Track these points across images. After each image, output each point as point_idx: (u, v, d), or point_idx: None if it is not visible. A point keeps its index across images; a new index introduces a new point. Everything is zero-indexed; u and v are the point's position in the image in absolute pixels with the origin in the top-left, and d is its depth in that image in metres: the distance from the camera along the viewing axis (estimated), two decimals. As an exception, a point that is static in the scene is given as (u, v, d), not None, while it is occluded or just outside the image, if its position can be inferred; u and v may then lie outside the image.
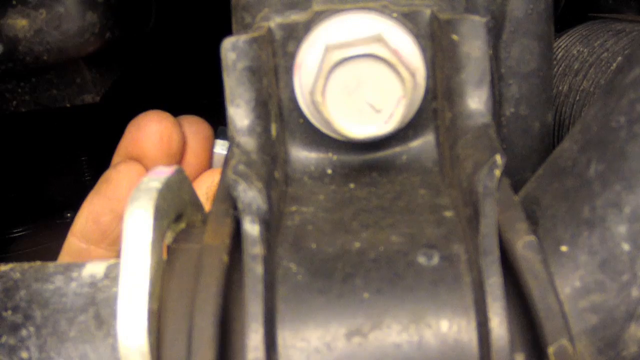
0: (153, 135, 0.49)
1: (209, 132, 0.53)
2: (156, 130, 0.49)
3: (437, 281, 0.27)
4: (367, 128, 0.34)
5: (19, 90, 0.53)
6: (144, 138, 0.49)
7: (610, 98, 0.29)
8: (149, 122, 0.50)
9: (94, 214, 0.50)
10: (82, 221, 0.50)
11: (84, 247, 0.50)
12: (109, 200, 0.50)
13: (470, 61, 0.33)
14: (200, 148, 0.53)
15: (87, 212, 0.50)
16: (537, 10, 0.39)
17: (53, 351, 0.28)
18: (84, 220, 0.50)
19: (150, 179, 0.29)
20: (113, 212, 0.50)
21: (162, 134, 0.49)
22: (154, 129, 0.49)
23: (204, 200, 0.49)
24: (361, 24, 0.34)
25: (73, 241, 0.51)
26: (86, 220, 0.50)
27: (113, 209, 0.50)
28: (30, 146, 0.77)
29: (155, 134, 0.49)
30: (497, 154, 0.28)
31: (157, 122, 0.50)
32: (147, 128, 0.50)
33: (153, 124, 0.50)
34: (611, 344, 0.26)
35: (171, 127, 0.50)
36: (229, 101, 0.33)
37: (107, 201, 0.50)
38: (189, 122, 0.52)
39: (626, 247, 0.26)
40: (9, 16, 0.48)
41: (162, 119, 0.50)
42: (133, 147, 0.50)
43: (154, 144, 0.49)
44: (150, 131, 0.49)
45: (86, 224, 0.50)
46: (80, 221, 0.50)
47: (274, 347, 0.26)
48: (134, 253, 0.27)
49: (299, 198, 0.33)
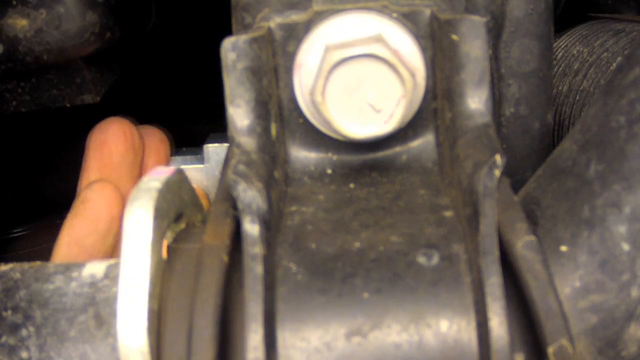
0: (116, 132, 0.52)
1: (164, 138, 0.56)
2: (118, 128, 0.52)
3: (437, 281, 0.27)
4: (367, 128, 0.34)
5: (19, 90, 0.53)
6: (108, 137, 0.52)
7: (610, 98, 0.29)
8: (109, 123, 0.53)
9: (76, 238, 0.49)
10: (64, 248, 0.49)
11: None
12: (90, 221, 0.49)
13: (470, 61, 0.33)
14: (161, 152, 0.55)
15: (69, 237, 0.49)
16: (537, 10, 0.39)
17: (53, 351, 0.28)
18: (66, 246, 0.49)
19: (150, 179, 0.29)
20: (96, 232, 0.49)
21: (125, 130, 0.52)
22: (116, 127, 0.52)
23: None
24: (361, 24, 0.34)
25: None
26: (68, 246, 0.49)
27: (95, 229, 0.49)
28: (30, 146, 0.77)
29: (119, 130, 0.52)
30: (497, 154, 0.28)
31: (117, 122, 0.53)
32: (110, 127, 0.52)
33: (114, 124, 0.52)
34: (611, 344, 0.26)
35: (130, 125, 0.53)
36: (229, 101, 0.33)
37: (88, 222, 0.49)
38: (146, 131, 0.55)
39: (626, 247, 0.26)
40: (9, 16, 0.48)
41: (120, 120, 0.53)
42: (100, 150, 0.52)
43: (119, 139, 0.52)
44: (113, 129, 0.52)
45: (69, 250, 0.49)
46: (62, 249, 0.50)
47: (274, 347, 0.26)
48: (134, 253, 0.27)
49: (299, 198, 0.33)
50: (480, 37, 0.33)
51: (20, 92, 0.53)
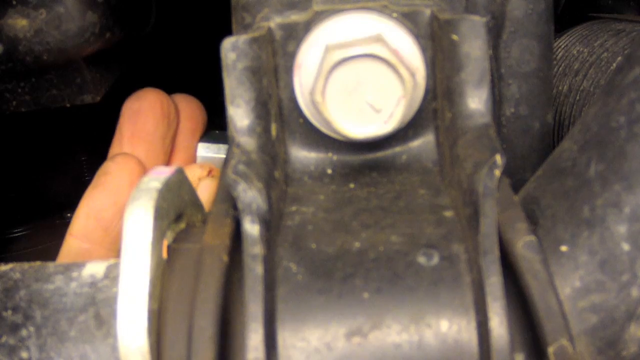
0: (152, 102, 0.51)
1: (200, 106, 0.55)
2: (154, 97, 0.52)
3: (437, 281, 0.27)
4: (367, 128, 0.34)
5: (19, 90, 0.53)
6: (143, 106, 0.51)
7: (610, 98, 0.29)
8: (145, 92, 0.52)
9: (95, 210, 0.48)
10: (82, 219, 0.48)
11: (85, 247, 0.48)
12: (110, 193, 0.48)
13: (470, 61, 0.33)
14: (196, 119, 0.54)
15: (88, 209, 0.48)
16: (537, 11, 0.39)
17: (53, 351, 0.28)
18: (84, 217, 0.48)
19: (151, 179, 0.29)
20: (115, 205, 0.48)
21: (161, 100, 0.52)
22: (152, 97, 0.52)
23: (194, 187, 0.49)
24: (361, 24, 0.34)
25: (73, 242, 0.48)
26: (87, 218, 0.48)
27: (115, 202, 0.48)
28: (30, 146, 0.77)
29: (155, 100, 0.52)
30: (497, 154, 0.28)
31: (153, 92, 0.52)
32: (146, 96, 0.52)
33: (150, 93, 0.52)
34: (611, 344, 0.26)
35: (166, 96, 0.53)
36: (229, 101, 0.33)
37: (109, 194, 0.48)
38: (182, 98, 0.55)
39: (626, 247, 0.26)
40: (9, 16, 0.48)
41: (156, 90, 0.52)
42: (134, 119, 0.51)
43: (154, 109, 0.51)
44: (149, 99, 0.52)
45: (87, 222, 0.48)
46: (79, 219, 0.48)
47: (274, 347, 0.26)
48: (134, 253, 0.27)
49: (299, 198, 0.33)
50: (480, 37, 0.33)
51: (20, 92, 0.53)
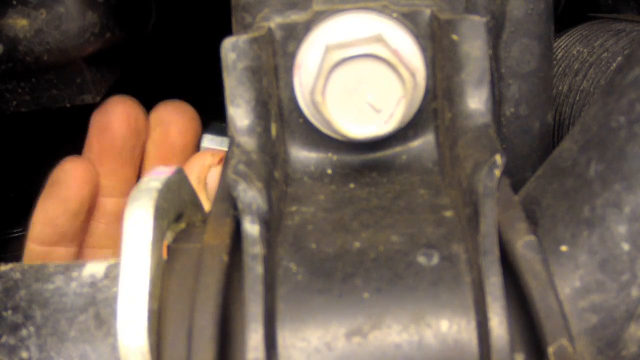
0: (120, 115, 0.52)
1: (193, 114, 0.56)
2: (122, 110, 0.53)
3: (437, 281, 0.27)
4: (367, 128, 0.34)
5: (19, 90, 0.53)
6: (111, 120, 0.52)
7: (610, 98, 0.29)
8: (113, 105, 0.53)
9: (49, 218, 0.51)
10: (38, 227, 0.51)
11: (43, 250, 0.52)
12: (62, 201, 0.51)
13: (470, 61, 0.33)
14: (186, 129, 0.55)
15: (42, 217, 0.51)
16: (537, 10, 0.39)
17: (53, 351, 0.28)
18: (39, 225, 0.51)
19: (150, 179, 0.29)
20: (67, 212, 0.51)
21: (128, 113, 0.53)
22: (120, 110, 0.53)
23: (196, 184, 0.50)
24: (361, 24, 0.34)
25: (32, 247, 0.52)
26: (42, 226, 0.51)
27: (67, 209, 0.51)
28: (30, 146, 0.77)
29: (122, 113, 0.53)
30: (497, 154, 0.28)
31: (121, 103, 0.53)
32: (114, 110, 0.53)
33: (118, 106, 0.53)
34: (611, 344, 0.26)
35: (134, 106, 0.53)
36: (229, 101, 0.33)
37: (60, 203, 0.51)
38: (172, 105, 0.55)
39: (626, 247, 0.26)
40: (9, 16, 0.48)
41: (124, 101, 0.53)
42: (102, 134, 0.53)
43: (122, 123, 0.52)
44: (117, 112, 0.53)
45: (43, 229, 0.51)
46: (36, 227, 0.51)
47: (274, 347, 0.26)
48: (134, 253, 0.27)
49: (299, 198, 0.33)
50: (480, 37, 0.33)
51: (20, 92, 0.53)
